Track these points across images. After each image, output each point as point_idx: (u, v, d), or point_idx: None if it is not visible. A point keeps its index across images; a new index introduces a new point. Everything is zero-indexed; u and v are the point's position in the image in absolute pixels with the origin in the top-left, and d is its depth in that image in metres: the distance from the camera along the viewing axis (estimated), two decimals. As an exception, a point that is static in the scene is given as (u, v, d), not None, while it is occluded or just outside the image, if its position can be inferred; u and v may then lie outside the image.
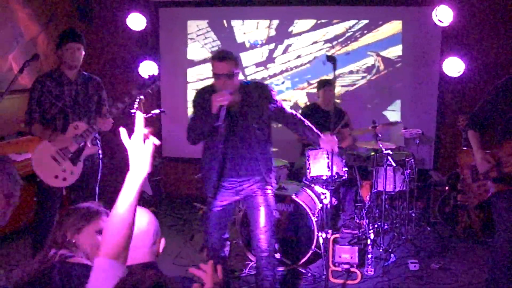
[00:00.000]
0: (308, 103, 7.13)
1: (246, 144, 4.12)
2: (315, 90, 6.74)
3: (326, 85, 6.31)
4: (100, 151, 4.93)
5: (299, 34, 7.36)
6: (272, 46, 7.51)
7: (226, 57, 3.95)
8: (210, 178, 4.17)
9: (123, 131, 1.98)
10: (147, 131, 2.00)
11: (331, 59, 3.78)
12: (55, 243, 2.53)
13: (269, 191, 4.22)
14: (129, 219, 1.94)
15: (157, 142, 2.01)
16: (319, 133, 4.31)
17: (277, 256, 4.48)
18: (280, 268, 5.19)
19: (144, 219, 2.26)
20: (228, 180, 4.19)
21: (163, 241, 2.33)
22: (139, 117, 2.00)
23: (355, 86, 7.33)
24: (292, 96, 7.56)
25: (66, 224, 2.58)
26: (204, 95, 4.10)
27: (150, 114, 6.61)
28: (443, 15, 6.43)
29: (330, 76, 6.72)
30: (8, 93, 4.48)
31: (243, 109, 4.09)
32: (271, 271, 4.24)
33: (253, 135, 4.09)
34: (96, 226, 2.54)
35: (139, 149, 2.00)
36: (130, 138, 1.98)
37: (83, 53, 4.72)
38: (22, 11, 6.46)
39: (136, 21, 7.22)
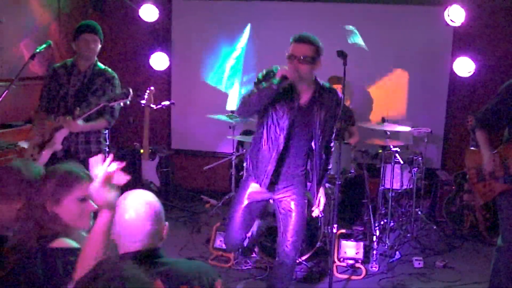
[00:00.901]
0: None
1: (302, 145, 3.90)
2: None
3: (335, 83, 6.27)
4: (106, 148, 4.87)
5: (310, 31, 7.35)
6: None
7: (306, 40, 3.73)
8: (265, 169, 3.90)
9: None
10: (110, 170, 2.10)
11: (341, 54, 3.76)
12: (33, 213, 2.35)
13: (305, 196, 4.02)
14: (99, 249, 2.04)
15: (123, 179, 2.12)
16: (326, 181, 4.14)
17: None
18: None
19: (143, 203, 2.25)
20: (278, 177, 3.97)
21: (166, 225, 2.33)
22: (98, 163, 2.14)
23: (365, 83, 7.33)
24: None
25: (44, 193, 2.37)
26: (270, 74, 3.80)
27: (160, 106, 6.67)
28: (455, 15, 6.41)
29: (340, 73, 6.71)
30: (18, 80, 4.50)
31: (313, 106, 3.84)
32: (288, 279, 4.13)
33: (312, 138, 3.88)
34: (78, 193, 2.39)
35: (101, 193, 2.07)
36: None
37: (99, 45, 4.69)
38: (35, -1, 6.51)
39: (149, 12, 7.23)
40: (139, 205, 2.24)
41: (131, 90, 4.36)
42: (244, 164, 5.06)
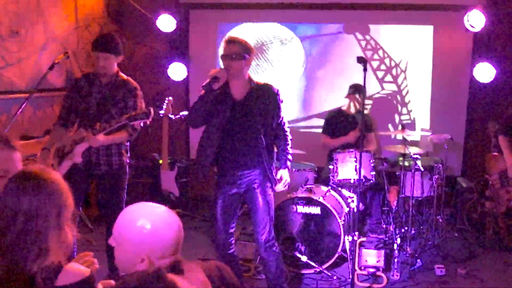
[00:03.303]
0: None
1: (247, 136, 4.17)
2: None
3: (356, 92, 6.23)
4: (128, 160, 4.84)
5: (329, 37, 7.35)
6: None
7: (234, 40, 4.11)
8: (204, 166, 4.25)
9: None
10: None
11: (361, 60, 3.75)
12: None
13: (268, 187, 4.26)
14: None
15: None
16: (287, 166, 4.37)
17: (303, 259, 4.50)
18: (306, 271, 5.20)
19: (165, 213, 2.15)
20: (227, 171, 4.26)
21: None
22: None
23: (384, 90, 7.29)
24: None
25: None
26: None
27: (178, 116, 6.69)
28: (475, 20, 6.36)
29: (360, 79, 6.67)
30: (37, 92, 4.52)
31: (249, 101, 4.16)
32: (273, 257, 4.32)
33: (255, 129, 4.15)
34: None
35: None
36: None
37: (113, 60, 4.57)
38: (53, 10, 6.55)
39: (166, 23, 7.26)
40: (163, 216, 2.12)
41: (152, 110, 4.36)
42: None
